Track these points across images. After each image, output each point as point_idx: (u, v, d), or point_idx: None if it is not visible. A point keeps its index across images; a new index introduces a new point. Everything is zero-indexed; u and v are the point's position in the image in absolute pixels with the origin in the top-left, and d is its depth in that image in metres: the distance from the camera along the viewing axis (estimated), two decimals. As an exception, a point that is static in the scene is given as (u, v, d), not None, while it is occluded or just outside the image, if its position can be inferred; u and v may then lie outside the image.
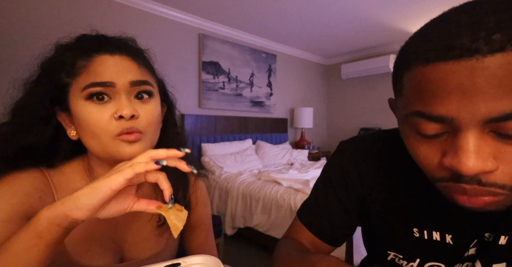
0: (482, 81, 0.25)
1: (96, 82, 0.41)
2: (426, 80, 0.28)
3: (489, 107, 0.25)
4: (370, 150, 0.50)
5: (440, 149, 0.31)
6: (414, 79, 0.30)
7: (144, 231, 0.53)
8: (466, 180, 0.29)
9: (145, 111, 0.44)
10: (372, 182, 0.49)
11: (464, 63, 0.26)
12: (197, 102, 2.78)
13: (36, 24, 1.87)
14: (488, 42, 0.25)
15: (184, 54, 2.67)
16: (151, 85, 0.46)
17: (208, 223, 0.64)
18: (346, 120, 4.13)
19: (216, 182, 2.41)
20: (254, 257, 1.97)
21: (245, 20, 2.76)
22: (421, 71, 0.29)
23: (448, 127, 0.29)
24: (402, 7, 2.44)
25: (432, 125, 0.29)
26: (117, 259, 0.49)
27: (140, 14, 2.37)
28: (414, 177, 0.45)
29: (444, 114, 0.28)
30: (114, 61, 0.43)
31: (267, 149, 3.06)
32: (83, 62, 0.43)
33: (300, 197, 1.84)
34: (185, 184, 0.58)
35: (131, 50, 0.47)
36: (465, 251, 0.43)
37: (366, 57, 3.77)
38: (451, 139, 0.30)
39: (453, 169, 0.29)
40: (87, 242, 0.46)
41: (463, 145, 0.28)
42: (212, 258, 0.44)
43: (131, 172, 0.33)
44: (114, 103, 0.42)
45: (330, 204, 0.52)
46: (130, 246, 0.51)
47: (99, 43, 0.45)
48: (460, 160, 0.28)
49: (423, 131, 0.31)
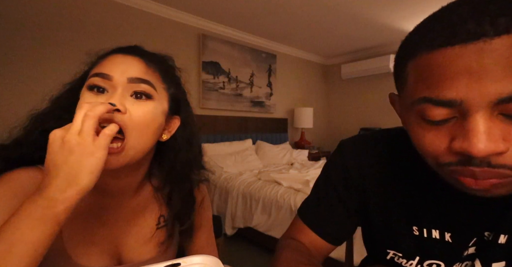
0: (491, 62, 0.25)
1: (97, 72, 0.43)
2: (432, 65, 0.29)
3: (498, 88, 0.26)
4: (370, 149, 0.51)
5: (447, 134, 0.31)
6: (420, 66, 0.30)
7: (143, 234, 0.53)
8: (476, 162, 0.29)
9: (137, 109, 0.43)
10: (372, 180, 0.49)
11: (471, 46, 0.26)
12: (197, 102, 2.78)
13: (38, 22, 1.87)
14: (493, 25, 0.25)
15: (184, 54, 2.67)
16: (153, 87, 0.45)
17: (209, 225, 0.64)
18: (346, 120, 4.13)
19: (216, 182, 2.41)
20: (254, 257, 1.97)
21: (245, 20, 2.76)
22: (427, 57, 0.29)
23: (456, 112, 0.29)
24: (402, 7, 2.44)
25: (440, 110, 0.29)
26: (115, 261, 0.49)
27: (140, 14, 2.37)
28: (414, 176, 0.45)
29: (452, 97, 0.28)
30: (124, 59, 0.45)
31: (267, 149, 3.06)
32: (101, 60, 0.46)
33: (300, 197, 1.84)
34: (190, 204, 0.56)
35: (147, 55, 0.48)
36: (465, 250, 0.43)
37: (366, 57, 3.77)
38: (459, 123, 0.29)
39: (464, 152, 0.29)
40: (86, 244, 0.46)
41: (473, 127, 0.28)
42: (212, 258, 0.44)
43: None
44: (108, 95, 0.43)
45: (331, 202, 0.52)
46: (128, 249, 0.51)
47: (123, 47, 0.48)
48: (471, 142, 0.28)
49: (430, 117, 0.30)
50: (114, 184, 0.49)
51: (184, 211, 0.55)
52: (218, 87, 2.91)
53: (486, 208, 0.41)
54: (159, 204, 0.56)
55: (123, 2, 2.26)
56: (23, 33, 1.83)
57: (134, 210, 0.53)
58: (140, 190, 0.54)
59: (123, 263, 0.50)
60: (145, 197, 0.54)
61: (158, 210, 0.55)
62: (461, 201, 0.41)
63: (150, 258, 0.52)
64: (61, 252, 0.44)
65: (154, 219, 0.54)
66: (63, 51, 1.95)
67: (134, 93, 0.44)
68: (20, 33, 1.82)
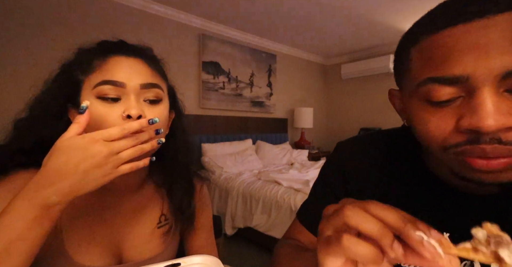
0: (497, 36, 0.26)
1: (107, 80, 0.42)
2: (437, 46, 0.29)
3: (504, 61, 0.26)
4: (368, 150, 0.50)
5: (454, 115, 0.30)
6: (424, 49, 0.31)
7: (144, 233, 0.53)
8: (486, 140, 0.28)
9: (152, 113, 0.45)
10: (369, 181, 0.49)
11: (476, 23, 0.27)
12: (197, 102, 2.78)
13: (39, 24, 1.87)
14: (496, 4, 0.26)
15: (184, 54, 2.67)
16: (162, 89, 0.47)
17: (209, 225, 0.65)
18: (346, 120, 4.13)
19: (216, 182, 2.41)
20: (254, 257, 1.97)
21: (245, 20, 2.76)
22: (431, 39, 0.30)
23: (461, 90, 0.29)
24: (402, 7, 2.45)
25: (446, 89, 0.29)
26: (116, 260, 0.49)
27: (140, 14, 2.37)
28: (412, 177, 0.45)
29: (459, 73, 0.28)
30: (128, 62, 0.45)
31: (267, 149, 3.06)
32: (98, 61, 0.44)
33: (300, 197, 1.84)
34: (191, 192, 0.58)
35: (146, 54, 0.48)
36: None
37: (366, 57, 3.77)
38: (466, 101, 0.29)
39: (473, 129, 0.28)
40: (87, 243, 0.46)
41: (482, 102, 0.27)
42: (212, 258, 0.45)
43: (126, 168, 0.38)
44: (123, 103, 0.43)
45: (329, 204, 0.52)
46: (129, 248, 0.51)
47: (116, 45, 0.47)
48: (480, 118, 0.27)
49: (435, 98, 0.30)
50: (119, 182, 0.50)
51: (185, 200, 0.56)
52: (218, 87, 2.91)
53: (485, 209, 0.40)
54: (160, 203, 0.56)
55: (123, 2, 2.26)
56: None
57: (135, 209, 0.53)
58: (142, 188, 0.55)
59: (124, 262, 0.50)
60: (147, 196, 0.55)
61: (159, 209, 0.56)
62: (460, 201, 0.41)
63: (151, 257, 0.52)
64: (62, 251, 0.44)
65: (155, 218, 0.55)
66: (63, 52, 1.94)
67: (148, 98, 0.45)
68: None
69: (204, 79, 2.79)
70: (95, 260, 0.46)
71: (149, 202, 0.55)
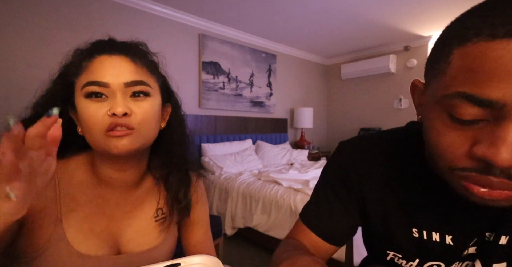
0: None
1: (91, 81, 0.44)
2: (487, 57, 0.25)
3: None
4: (369, 150, 0.50)
5: (471, 137, 0.28)
6: (470, 56, 0.26)
7: (141, 226, 0.54)
8: (495, 172, 0.27)
9: (139, 108, 0.46)
10: (371, 182, 0.49)
11: None
12: (197, 102, 2.78)
13: (40, 27, 1.87)
14: None
15: (184, 54, 2.67)
16: (148, 85, 0.48)
17: (206, 220, 0.66)
18: (346, 120, 4.13)
19: (216, 182, 2.41)
20: (254, 257, 1.97)
21: (245, 20, 2.76)
22: (483, 47, 0.25)
23: (490, 115, 0.26)
24: (402, 7, 2.44)
25: (474, 109, 0.27)
26: (114, 251, 0.51)
27: (140, 14, 2.37)
28: (414, 177, 0.45)
29: (496, 98, 0.25)
30: (111, 61, 0.46)
31: (267, 149, 3.06)
32: (85, 62, 0.46)
33: (300, 197, 1.84)
34: (187, 184, 0.60)
35: (130, 51, 0.49)
36: (465, 249, 0.43)
37: (366, 57, 3.77)
38: (489, 128, 0.27)
39: (486, 160, 0.27)
40: (85, 233, 0.48)
41: (505, 135, 0.25)
42: (212, 258, 0.45)
43: None
44: (110, 101, 0.44)
45: (331, 204, 0.52)
46: (127, 240, 0.52)
47: (102, 44, 0.48)
48: (497, 151, 0.25)
49: (459, 115, 0.28)
50: (118, 177, 0.51)
51: (182, 191, 0.58)
52: (218, 87, 2.91)
53: (486, 210, 0.40)
54: (158, 197, 0.58)
55: (123, 2, 2.26)
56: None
57: (134, 203, 0.55)
58: (141, 183, 0.57)
59: (122, 253, 0.52)
60: (145, 190, 0.57)
61: (156, 203, 0.58)
62: (461, 203, 0.41)
63: (148, 249, 0.54)
64: (62, 238, 0.46)
65: (153, 212, 0.56)
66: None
67: (133, 93, 0.46)
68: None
69: (204, 79, 2.79)
70: (94, 250, 0.48)
71: (147, 196, 0.57)
